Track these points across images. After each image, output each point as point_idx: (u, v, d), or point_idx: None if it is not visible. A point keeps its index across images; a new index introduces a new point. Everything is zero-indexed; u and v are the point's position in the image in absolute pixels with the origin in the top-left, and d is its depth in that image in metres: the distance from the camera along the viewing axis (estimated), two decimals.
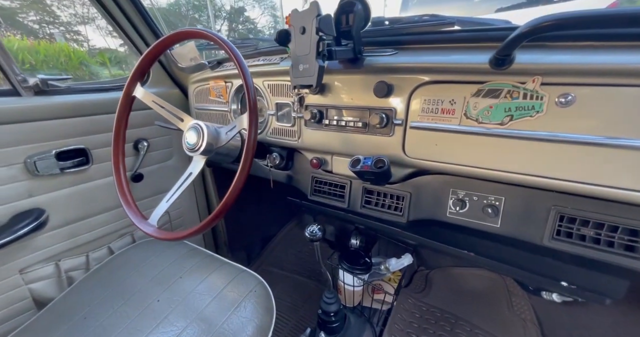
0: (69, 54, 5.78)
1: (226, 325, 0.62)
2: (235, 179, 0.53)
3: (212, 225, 0.56)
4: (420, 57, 0.57)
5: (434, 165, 0.60)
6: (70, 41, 6.89)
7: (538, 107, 0.46)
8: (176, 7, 12.02)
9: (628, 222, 0.48)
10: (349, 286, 0.99)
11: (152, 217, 0.66)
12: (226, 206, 0.54)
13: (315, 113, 0.71)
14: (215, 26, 11.75)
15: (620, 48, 0.41)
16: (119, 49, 4.93)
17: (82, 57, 6.35)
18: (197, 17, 13.22)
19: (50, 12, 6.21)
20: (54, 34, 6.82)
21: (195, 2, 12.21)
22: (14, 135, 0.70)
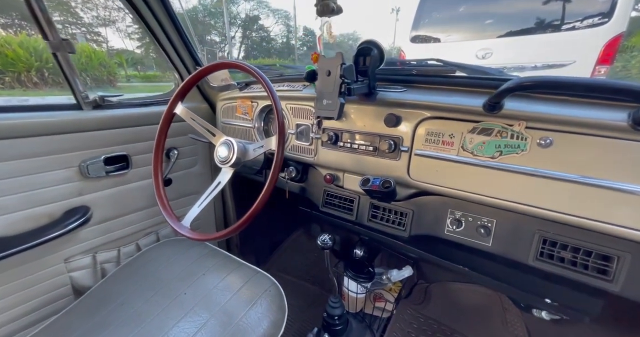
0: (90, 54, 6.06)
1: (245, 319, 0.71)
2: (264, 190, 0.63)
3: (239, 230, 0.65)
4: (426, 96, 0.66)
5: (434, 188, 0.69)
6: (91, 42, 7.16)
7: (523, 146, 0.55)
8: (193, 13, 12.48)
9: (600, 249, 0.55)
10: (352, 293, 1.07)
11: (186, 219, 0.76)
12: (254, 213, 0.64)
13: (331, 135, 0.81)
14: (230, 33, 12.11)
15: (588, 104, 0.50)
16: (136, 51, 5.18)
17: (102, 58, 6.64)
18: (213, 23, 13.70)
19: (74, 14, 6.52)
20: (75, 34, 7.13)
21: (212, 9, 12.66)
22: (73, 142, 0.82)
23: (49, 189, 0.81)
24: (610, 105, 0.48)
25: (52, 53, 0.73)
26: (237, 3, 13.61)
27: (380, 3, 25.94)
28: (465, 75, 0.67)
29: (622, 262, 0.53)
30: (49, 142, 0.78)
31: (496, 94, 0.51)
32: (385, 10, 13.36)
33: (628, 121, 0.44)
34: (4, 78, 4.88)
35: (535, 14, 2.52)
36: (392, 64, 0.78)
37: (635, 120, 0.43)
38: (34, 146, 0.77)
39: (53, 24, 0.71)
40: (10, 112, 0.75)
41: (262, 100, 0.99)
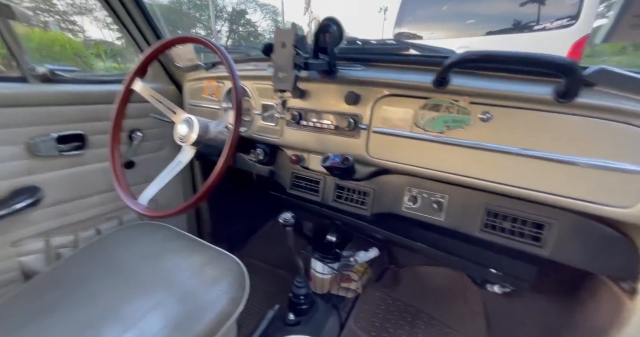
0: (63, 43, 5.67)
1: (204, 296, 0.70)
2: (218, 167, 0.63)
3: (194, 207, 0.65)
4: (383, 74, 0.68)
5: (391, 164, 0.71)
6: (66, 31, 6.73)
7: (467, 121, 0.58)
8: (177, 5, 11.96)
9: (534, 217, 0.60)
10: (319, 274, 1.09)
11: (142, 197, 0.74)
12: (207, 191, 0.63)
13: (295, 115, 0.81)
14: (215, 27, 11.75)
15: (524, 80, 0.53)
16: (116, 42, 4.90)
17: (77, 48, 6.22)
18: (198, 16, 13.21)
19: (47, 0, 6.09)
20: (48, 22, 6.65)
21: (197, 2, 12.19)
22: (19, 117, 0.77)
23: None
24: (542, 81, 0.52)
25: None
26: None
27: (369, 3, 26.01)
28: (418, 53, 0.69)
29: (551, 228, 0.58)
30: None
31: (442, 69, 0.53)
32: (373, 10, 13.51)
33: (552, 94, 0.48)
34: None
35: (512, 15, 2.64)
36: (353, 43, 0.79)
37: (557, 93, 0.47)
38: None
39: None
40: None
41: (230, 81, 0.97)
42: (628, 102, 0.44)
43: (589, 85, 0.47)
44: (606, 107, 0.45)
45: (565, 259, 0.57)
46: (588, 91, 0.47)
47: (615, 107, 0.44)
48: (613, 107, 0.44)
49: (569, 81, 0.44)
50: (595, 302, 0.63)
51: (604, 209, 0.47)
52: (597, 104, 0.45)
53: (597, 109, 0.45)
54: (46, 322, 0.63)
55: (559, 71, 0.44)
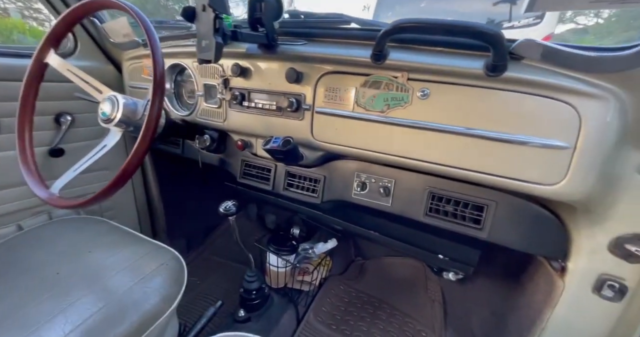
0: (23, 31, 5.11)
1: (127, 294, 0.63)
2: (135, 146, 0.55)
3: (107, 195, 0.57)
4: (325, 49, 0.63)
5: (337, 148, 0.67)
6: (29, 19, 6.14)
7: (406, 98, 0.55)
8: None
9: (474, 200, 0.58)
10: (274, 267, 1.04)
11: (54, 184, 0.65)
12: (125, 173, 0.56)
13: (237, 95, 0.75)
14: None
15: (460, 55, 0.51)
16: None
17: (39, 37, 5.67)
18: (177, 8, 12.54)
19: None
20: (8, 9, 6.03)
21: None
22: None
23: None
24: (476, 56, 0.50)
25: None
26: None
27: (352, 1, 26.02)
28: (361, 27, 0.65)
29: (489, 210, 0.56)
30: None
31: (377, 39, 0.49)
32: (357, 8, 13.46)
33: (483, 68, 0.45)
34: None
35: (487, 14, 2.72)
36: (296, 17, 0.74)
37: (487, 67, 0.44)
38: None
39: None
40: None
41: (170, 58, 0.88)
42: (553, 76, 0.42)
43: (517, 59, 0.45)
44: (533, 82, 0.43)
45: (502, 241, 0.56)
46: (517, 65, 0.45)
47: (540, 81, 0.42)
48: (539, 81, 0.42)
49: (496, 53, 0.41)
50: (533, 283, 0.64)
51: (534, 188, 0.46)
52: (524, 77, 0.43)
53: (525, 83, 0.44)
54: None
55: (485, 41, 0.41)
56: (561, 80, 0.42)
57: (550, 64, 0.43)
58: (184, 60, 0.85)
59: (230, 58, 0.74)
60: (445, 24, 0.41)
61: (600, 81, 0.40)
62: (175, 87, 0.94)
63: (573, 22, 3.83)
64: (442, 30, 0.42)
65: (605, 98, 0.39)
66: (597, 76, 0.40)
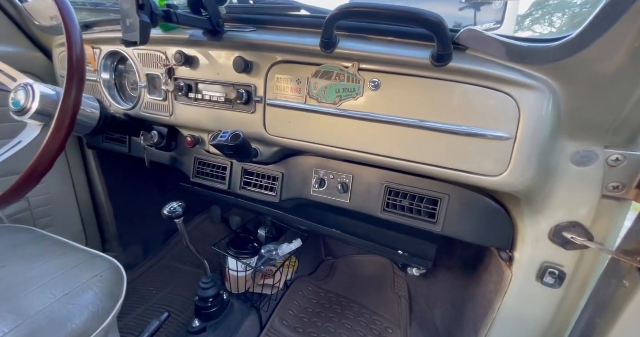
0: None
1: (43, 314, 0.54)
2: (45, 141, 0.47)
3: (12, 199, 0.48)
4: (275, 36, 0.59)
5: (291, 142, 0.63)
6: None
7: (358, 90, 0.53)
8: None
9: (430, 194, 0.58)
10: (233, 272, 0.98)
11: None
12: (33, 173, 0.47)
13: (182, 86, 0.68)
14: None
15: (411, 45, 0.50)
16: None
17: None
18: None
19: None
20: None
21: None
22: None
23: None
24: (425, 46, 0.49)
25: None
26: None
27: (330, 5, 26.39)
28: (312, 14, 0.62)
29: (442, 204, 0.56)
30: None
31: (325, 25, 0.46)
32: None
33: (430, 58, 0.44)
34: None
35: (454, 18, 2.89)
36: (245, 2, 0.69)
37: (433, 56, 0.43)
38: None
39: None
40: None
41: (108, 45, 0.79)
42: (494, 66, 0.42)
43: (462, 50, 0.45)
44: (475, 72, 0.43)
45: (455, 234, 0.56)
46: (462, 56, 0.45)
47: (482, 71, 0.42)
48: (481, 71, 0.42)
49: (440, 42, 0.40)
50: (487, 274, 0.65)
51: (481, 179, 0.46)
52: (468, 68, 0.43)
53: (468, 74, 0.43)
54: None
55: (429, 28, 0.40)
56: (502, 72, 0.42)
57: (491, 55, 0.43)
58: (125, 48, 0.76)
59: (173, 45, 0.67)
60: (390, 10, 0.40)
61: (536, 72, 0.40)
62: (117, 78, 0.84)
63: (530, 30, 4.19)
64: (387, 16, 0.40)
65: (540, 89, 0.40)
66: (534, 68, 0.40)
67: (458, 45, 0.45)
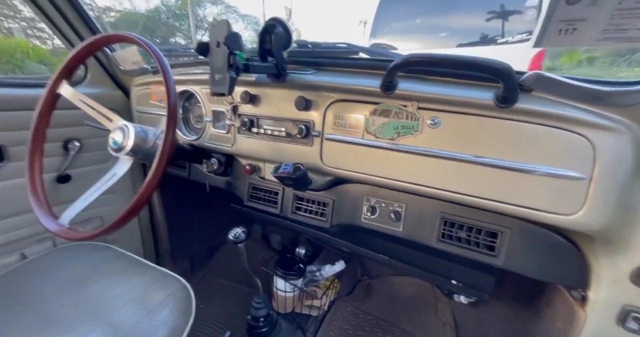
0: (27, 51, 5.30)
1: (134, 329, 0.61)
2: (149, 177, 0.55)
3: (120, 225, 0.56)
4: (334, 78, 0.65)
5: (346, 173, 0.67)
6: (32, 38, 6.40)
7: (417, 127, 0.55)
8: (156, 14, 11.63)
9: (488, 226, 0.58)
10: (281, 292, 1.01)
11: (64, 215, 0.64)
12: (136, 205, 0.55)
13: (246, 121, 0.75)
14: (196, 37, 11.62)
15: (470, 85, 0.52)
16: None
17: (42, 55, 5.87)
18: (178, 25, 13.06)
19: (12, 6, 5.76)
20: (12, 28, 6.30)
21: (177, 11, 11.93)
22: None
23: None
24: (486, 86, 0.51)
25: None
26: (203, 6, 13.08)
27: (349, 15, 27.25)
28: (369, 57, 0.67)
29: (503, 237, 0.56)
30: None
31: (387, 72, 0.50)
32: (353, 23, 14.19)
33: (493, 99, 0.46)
34: None
35: (480, 29, 2.82)
36: (304, 47, 0.76)
37: (497, 98, 0.45)
38: None
39: None
40: None
41: (179, 85, 0.90)
42: (564, 107, 0.43)
43: (527, 91, 0.46)
44: (544, 113, 0.44)
45: (518, 269, 0.55)
46: (527, 97, 0.46)
47: (552, 112, 0.43)
48: (549, 112, 0.43)
49: (506, 86, 0.42)
50: (552, 310, 0.62)
51: (549, 217, 0.46)
52: (535, 109, 0.44)
53: (536, 114, 0.44)
54: None
55: (495, 75, 0.42)
56: (573, 112, 0.43)
57: (561, 96, 0.44)
58: (193, 87, 0.87)
59: (239, 86, 0.75)
60: (454, 59, 0.43)
61: (614, 114, 0.40)
62: (184, 112, 0.95)
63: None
64: (452, 65, 0.43)
65: (619, 131, 0.40)
66: (611, 110, 0.40)
67: (524, 87, 0.46)
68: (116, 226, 0.57)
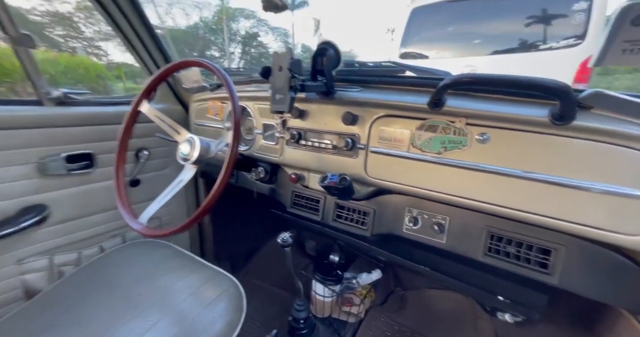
0: (87, 66, 6.23)
1: (198, 319, 0.69)
2: (215, 186, 0.63)
3: (191, 226, 0.65)
4: (380, 95, 0.69)
5: (390, 185, 0.70)
6: (91, 55, 7.43)
7: (464, 142, 0.57)
8: (194, 29, 12.85)
9: (540, 242, 0.57)
10: (320, 297, 1.05)
11: (142, 216, 0.75)
12: (205, 209, 0.63)
13: (294, 134, 0.82)
14: (229, 49, 12.53)
15: (520, 102, 0.53)
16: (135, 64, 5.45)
17: (99, 70, 6.84)
18: (213, 39, 14.26)
19: (76, 28, 6.73)
20: (76, 48, 7.38)
21: (213, 26, 13.09)
22: (32, 138, 0.81)
23: (3, 185, 0.79)
24: (539, 103, 0.51)
25: (12, 48, 0.74)
26: (237, 21, 14.15)
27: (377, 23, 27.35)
28: (415, 75, 0.70)
29: (558, 254, 0.54)
30: (5, 137, 0.77)
31: (436, 91, 0.53)
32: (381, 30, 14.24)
33: (548, 116, 0.47)
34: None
35: (518, 35, 2.66)
36: (350, 66, 0.81)
37: (553, 116, 0.46)
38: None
39: (12, 18, 0.72)
40: None
41: None
42: (626, 125, 0.42)
43: (586, 108, 0.46)
44: (605, 131, 0.43)
45: (575, 288, 0.53)
46: (586, 114, 0.46)
47: (613, 130, 0.43)
48: (612, 130, 0.43)
49: (563, 104, 0.43)
50: (613, 334, 0.58)
51: (610, 236, 0.45)
52: (596, 127, 0.44)
53: (596, 132, 0.44)
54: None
55: (552, 94, 0.43)
56: (634, 129, 0.42)
57: (623, 114, 0.43)
58: (246, 102, 0.96)
59: None
60: (507, 79, 0.44)
61: None
62: None
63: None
64: (505, 85, 0.45)
65: None
66: None
67: (582, 104, 0.46)
68: (187, 226, 0.66)
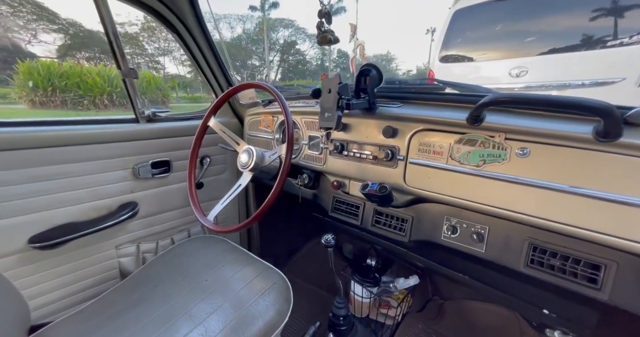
0: (149, 79, 7.30)
1: (254, 305, 0.80)
2: (272, 190, 0.74)
3: (250, 224, 0.76)
4: (419, 110, 0.74)
5: (427, 194, 0.75)
6: (152, 69, 8.65)
7: (504, 156, 0.60)
8: (238, 41, 14.00)
9: (588, 257, 0.56)
10: (358, 297, 1.11)
11: (210, 214, 0.90)
12: (263, 210, 0.75)
13: (337, 145, 0.91)
14: (269, 58, 13.34)
15: (561, 118, 0.54)
16: (187, 75, 6.32)
17: (159, 83, 7.95)
18: (254, 49, 15.37)
19: (140, 46, 7.96)
20: (140, 63, 8.63)
21: (254, 37, 14.12)
22: (130, 149, 1.03)
23: (109, 186, 1.01)
24: (580, 119, 0.52)
25: (122, 79, 0.95)
26: (277, 30, 15.01)
27: (416, 24, 26.35)
28: (455, 92, 0.73)
29: (608, 270, 0.54)
30: (112, 148, 0.99)
31: (475, 108, 0.57)
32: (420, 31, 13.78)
33: (592, 133, 0.48)
34: (82, 101, 6.12)
35: (581, 31, 2.37)
36: (391, 83, 0.87)
37: (597, 133, 0.47)
38: (100, 151, 0.98)
39: (125, 56, 0.93)
40: (83, 124, 0.97)
41: (282, 116, 1.13)
42: None
43: (633, 125, 0.47)
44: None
45: (630, 307, 0.52)
46: (634, 131, 0.46)
47: None
48: None
49: (608, 123, 0.44)
50: None
51: None
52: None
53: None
54: (135, 314, 0.79)
55: (595, 114, 0.45)
56: None
57: None
58: (294, 117, 1.08)
59: None
60: (547, 100, 0.47)
61: None
62: (283, 136, 1.17)
63: None
64: (544, 105, 0.47)
65: None
66: None
67: (630, 122, 0.47)
68: (248, 224, 0.78)
